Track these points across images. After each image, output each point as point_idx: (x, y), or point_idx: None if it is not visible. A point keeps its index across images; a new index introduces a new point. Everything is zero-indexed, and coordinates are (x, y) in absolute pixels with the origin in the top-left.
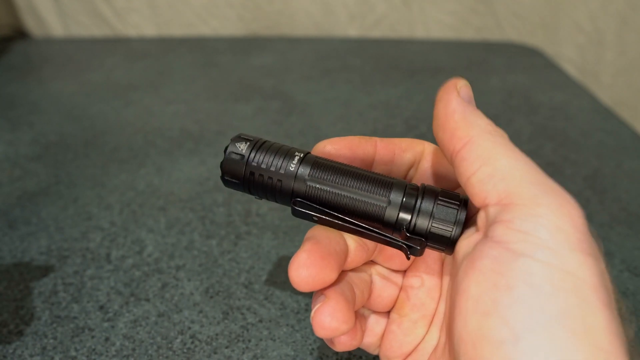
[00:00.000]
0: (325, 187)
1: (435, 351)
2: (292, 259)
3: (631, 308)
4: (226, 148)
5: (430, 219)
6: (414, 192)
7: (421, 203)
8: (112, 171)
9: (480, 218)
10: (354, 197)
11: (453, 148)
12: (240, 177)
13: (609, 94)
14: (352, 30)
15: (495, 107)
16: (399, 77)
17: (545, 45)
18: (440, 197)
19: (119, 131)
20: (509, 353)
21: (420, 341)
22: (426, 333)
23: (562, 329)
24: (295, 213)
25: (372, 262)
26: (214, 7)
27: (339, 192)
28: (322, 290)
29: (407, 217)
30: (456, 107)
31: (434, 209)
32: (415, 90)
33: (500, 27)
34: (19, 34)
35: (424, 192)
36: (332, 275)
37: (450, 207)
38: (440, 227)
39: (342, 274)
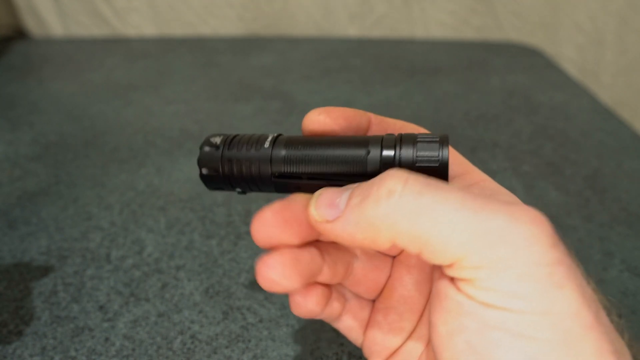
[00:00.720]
0: (303, 156)
1: (425, 355)
2: (257, 213)
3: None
4: (201, 147)
5: (414, 152)
6: (392, 139)
7: (401, 147)
8: (112, 171)
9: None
10: (333, 155)
11: (387, 250)
12: (218, 169)
13: (609, 94)
14: (352, 30)
15: (495, 107)
16: (399, 77)
17: (545, 45)
18: (419, 138)
19: (119, 131)
20: None
21: (407, 339)
22: (413, 330)
23: None
24: (278, 187)
25: None
26: (214, 7)
27: (317, 157)
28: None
29: (390, 153)
30: (342, 231)
31: (416, 146)
32: (415, 90)
33: (500, 27)
34: (19, 34)
35: (401, 138)
36: (292, 239)
37: (432, 142)
38: (426, 157)
39: (315, 242)
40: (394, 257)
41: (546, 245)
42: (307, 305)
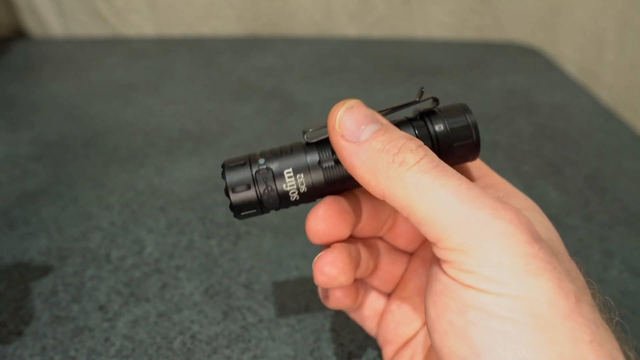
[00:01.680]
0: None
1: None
2: (310, 211)
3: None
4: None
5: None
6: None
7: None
8: (112, 171)
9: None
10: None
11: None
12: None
13: (609, 94)
14: (352, 30)
15: (495, 107)
16: (399, 77)
17: (545, 45)
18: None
19: (119, 131)
20: None
21: (419, 330)
22: (424, 323)
23: (523, 345)
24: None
25: (381, 239)
26: (214, 7)
27: None
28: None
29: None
30: (349, 158)
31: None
32: (415, 91)
33: (500, 27)
34: (19, 34)
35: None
36: (346, 232)
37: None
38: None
39: (353, 239)
40: (411, 254)
41: (521, 242)
42: (345, 300)
